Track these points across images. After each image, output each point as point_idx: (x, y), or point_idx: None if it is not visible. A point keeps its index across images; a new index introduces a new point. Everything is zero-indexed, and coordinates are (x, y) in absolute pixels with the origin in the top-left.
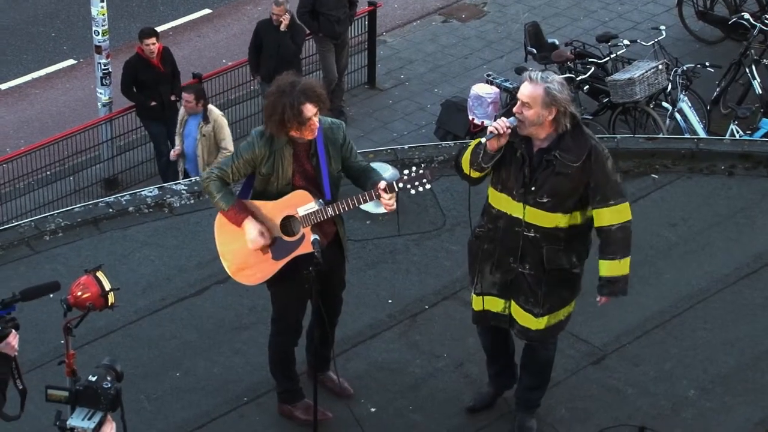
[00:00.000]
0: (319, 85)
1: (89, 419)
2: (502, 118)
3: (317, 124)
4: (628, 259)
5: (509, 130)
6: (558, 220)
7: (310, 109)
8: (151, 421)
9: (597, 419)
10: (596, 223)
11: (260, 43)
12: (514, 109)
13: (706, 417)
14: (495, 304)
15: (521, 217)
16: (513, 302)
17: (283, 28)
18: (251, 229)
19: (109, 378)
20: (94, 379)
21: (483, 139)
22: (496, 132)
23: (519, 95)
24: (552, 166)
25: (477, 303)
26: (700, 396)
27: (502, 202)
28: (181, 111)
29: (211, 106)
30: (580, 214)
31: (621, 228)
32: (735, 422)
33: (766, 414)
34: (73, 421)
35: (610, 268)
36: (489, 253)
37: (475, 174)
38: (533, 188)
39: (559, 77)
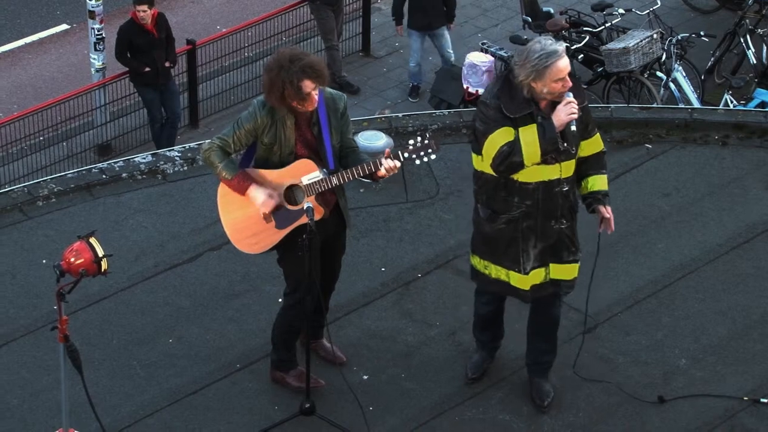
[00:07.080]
0: (319, 61)
1: None
2: (567, 99)
3: (317, 98)
4: None
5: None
6: (577, 162)
7: (308, 86)
8: (144, 387)
9: (588, 388)
10: (593, 150)
11: None
12: (562, 86)
13: (697, 386)
14: (538, 276)
15: (559, 176)
16: (552, 265)
17: None
18: (259, 193)
19: None
20: None
21: (572, 127)
22: (577, 114)
23: (562, 71)
24: None
25: (526, 282)
26: (691, 365)
27: (537, 173)
28: None
29: None
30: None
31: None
32: (726, 391)
33: (758, 383)
34: None
35: (605, 182)
36: (530, 229)
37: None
38: (566, 144)
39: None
